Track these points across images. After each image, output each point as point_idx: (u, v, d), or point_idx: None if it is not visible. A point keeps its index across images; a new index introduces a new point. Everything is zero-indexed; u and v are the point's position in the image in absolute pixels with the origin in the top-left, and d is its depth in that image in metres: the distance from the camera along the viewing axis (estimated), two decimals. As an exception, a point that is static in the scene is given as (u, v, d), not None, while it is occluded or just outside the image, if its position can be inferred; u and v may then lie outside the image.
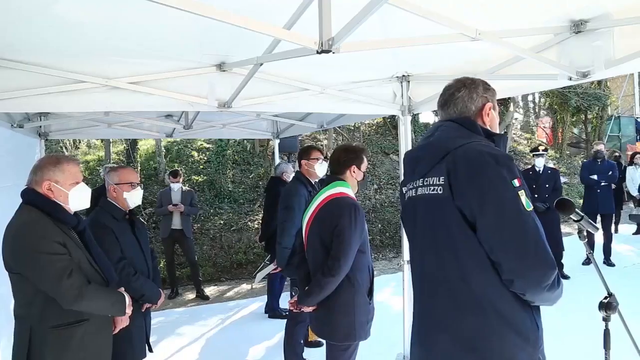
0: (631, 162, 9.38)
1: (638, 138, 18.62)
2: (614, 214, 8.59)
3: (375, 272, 2.90)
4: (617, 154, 9.78)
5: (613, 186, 7.59)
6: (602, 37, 2.44)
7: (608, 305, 2.19)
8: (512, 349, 1.52)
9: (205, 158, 11.52)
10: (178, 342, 4.91)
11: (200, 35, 2.45)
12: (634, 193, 8.93)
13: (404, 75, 3.49)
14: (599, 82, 16.68)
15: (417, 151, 1.81)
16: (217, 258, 8.47)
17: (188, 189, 7.02)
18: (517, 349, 1.52)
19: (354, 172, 2.75)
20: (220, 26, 1.69)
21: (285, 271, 3.88)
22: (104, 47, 2.55)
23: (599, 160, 7.33)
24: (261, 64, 2.63)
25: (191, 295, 6.75)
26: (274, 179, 5.60)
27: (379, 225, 10.24)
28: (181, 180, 6.71)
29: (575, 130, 18.93)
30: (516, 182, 1.50)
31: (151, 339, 3.12)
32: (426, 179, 1.67)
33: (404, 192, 1.84)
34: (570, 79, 2.71)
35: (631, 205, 9.32)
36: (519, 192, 1.49)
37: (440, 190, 1.60)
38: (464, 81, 1.81)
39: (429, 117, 15.94)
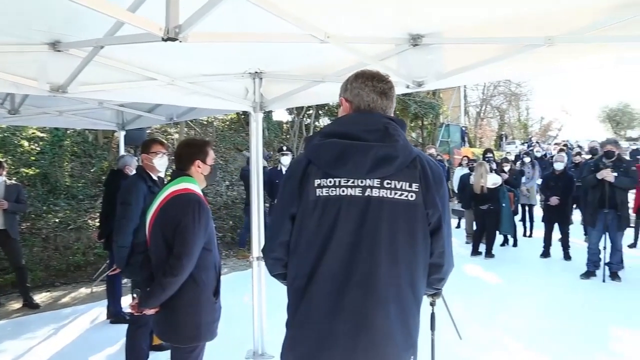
0: (460, 164, 10.82)
1: (463, 144, 21.47)
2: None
3: (225, 270, 2.86)
4: (439, 157, 11.16)
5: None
6: (435, 52, 2.73)
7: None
8: None
9: (38, 149, 10.23)
10: (-3, 359, 4.29)
11: (30, 6, 2.15)
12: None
13: (256, 72, 3.49)
14: (434, 93, 18.72)
15: (376, 150, 1.59)
16: (50, 261, 7.58)
17: (14, 182, 6.21)
18: None
19: (199, 167, 2.67)
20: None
21: (126, 272, 3.64)
22: None
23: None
24: (102, 47, 2.41)
25: (17, 305, 5.94)
26: (114, 172, 5.28)
27: (231, 222, 10.14)
28: (5, 172, 5.90)
29: (414, 135, 20.96)
30: None
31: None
32: (389, 181, 1.59)
33: (319, 184, 1.63)
34: (408, 87, 2.99)
35: (456, 201, 10.63)
36: None
37: (412, 196, 1.60)
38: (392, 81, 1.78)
39: (282, 115, 16.29)
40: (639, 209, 8.38)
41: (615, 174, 6.39)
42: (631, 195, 7.81)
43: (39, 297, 6.26)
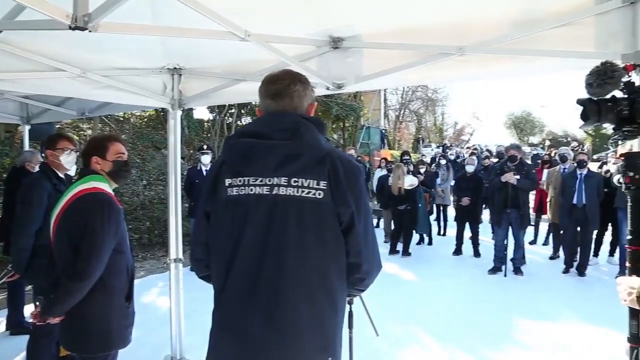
0: (379, 166, 11.23)
1: (382, 146, 22.22)
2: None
3: (142, 273, 2.73)
4: (359, 158, 11.54)
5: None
6: (354, 55, 2.80)
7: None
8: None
9: None
10: None
11: None
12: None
13: (175, 68, 3.36)
14: (355, 95, 19.16)
15: (281, 148, 1.60)
16: (-62, 267, 6.83)
17: None
18: None
19: (98, 163, 2.51)
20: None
21: (26, 276, 3.39)
22: None
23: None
24: (0, 32, 2.21)
25: None
26: (15, 170, 4.97)
27: (148, 223, 9.75)
28: None
29: (335, 136, 21.33)
30: None
31: None
32: (296, 179, 1.58)
33: (230, 184, 1.64)
34: (328, 88, 3.03)
35: (375, 201, 10.97)
36: None
37: (320, 194, 1.57)
38: (297, 75, 1.75)
39: (203, 113, 15.89)
40: (539, 209, 9.12)
41: (518, 176, 6.91)
42: (532, 196, 8.49)
43: None
